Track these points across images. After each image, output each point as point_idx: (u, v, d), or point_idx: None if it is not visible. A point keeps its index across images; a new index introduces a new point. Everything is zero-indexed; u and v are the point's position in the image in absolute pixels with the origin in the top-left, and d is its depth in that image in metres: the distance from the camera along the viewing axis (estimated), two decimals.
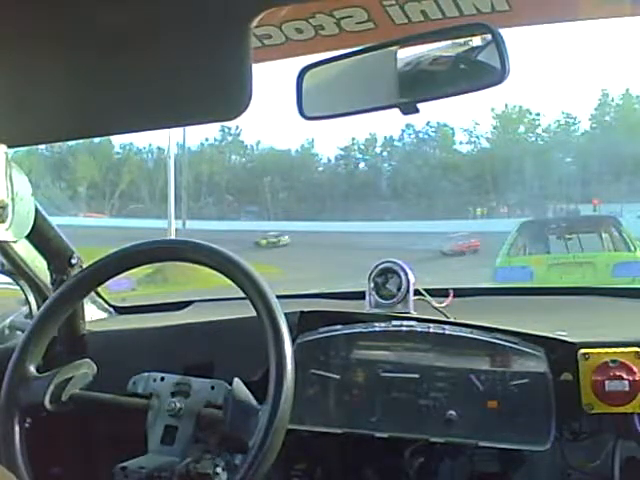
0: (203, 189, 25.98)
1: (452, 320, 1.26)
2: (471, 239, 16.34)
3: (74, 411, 1.03)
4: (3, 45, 0.62)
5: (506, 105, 24.83)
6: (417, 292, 1.36)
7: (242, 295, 0.99)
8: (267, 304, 0.95)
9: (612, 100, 23.60)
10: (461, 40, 0.87)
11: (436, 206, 22.06)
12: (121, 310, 1.67)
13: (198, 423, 0.98)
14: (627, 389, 1.08)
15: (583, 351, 1.12)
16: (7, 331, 1.45)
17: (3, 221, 0.84)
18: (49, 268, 1.35)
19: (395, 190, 24.11)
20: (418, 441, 1.22)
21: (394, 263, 1.34)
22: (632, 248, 7.93)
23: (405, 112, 0.85)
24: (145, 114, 0.69)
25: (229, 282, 1.01)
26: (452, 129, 26.02)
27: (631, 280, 6.63)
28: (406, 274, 1.32)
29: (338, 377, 1.23)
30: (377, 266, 1.35)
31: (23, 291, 1.43)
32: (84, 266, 1.27)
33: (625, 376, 1.09)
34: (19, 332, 1.43)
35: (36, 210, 0.96)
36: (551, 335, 1.16)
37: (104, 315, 1.60)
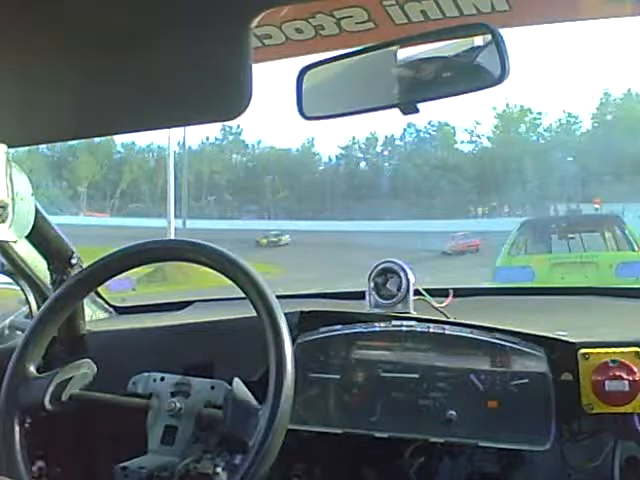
0: (203, 188, 25.96)
1: (452, 320, 1.26)
2: (472, 238, 16.35)
3: (74, 411, 1.03)
4: (3, 45, 0.62)
5: (507, 104, 24.85)
6: (417, 292, 1.35)
7: (242, 295, 0.99)
8: (267, 304, 0.95)
9: (613, 100, 23.59)
10: (461, 40, 0.87)
11: (437, 205, 22.05)
12: (121, 310, 1.67)
13: (198, 423, 0.98)
14: (627, 389, 1.08)
15: (583, 351, 1.12)
16: (7, 331, 1.45)
17: (3, 221, 0.84)
18: (49, 268, 1.35)
19: (396, 189, 24.11)
20: (418, 441, 1.22)
21: (394, 263, 1.34)
22: (636, 248, 7.83)
23: (405, 112, 0.85)
24: (145, 114, 0.69)
25: (229, 282, 1.01)
26: (453, 128, 26.05)
27: (635, 280, 6.54)
28: (406, 274, 1.32)
29: (338, 377, 1.23)
30: (377, 266, 1.35)
31: (23, 291, 1.43)
32: (84, 266, 1.27)
33: (625, 376, 1.08)
34: (19, 332, 1.43)
35: (36, 210, 0.96)
36: (551, 335, 1.16)
37: (104, 315, 1.60)
